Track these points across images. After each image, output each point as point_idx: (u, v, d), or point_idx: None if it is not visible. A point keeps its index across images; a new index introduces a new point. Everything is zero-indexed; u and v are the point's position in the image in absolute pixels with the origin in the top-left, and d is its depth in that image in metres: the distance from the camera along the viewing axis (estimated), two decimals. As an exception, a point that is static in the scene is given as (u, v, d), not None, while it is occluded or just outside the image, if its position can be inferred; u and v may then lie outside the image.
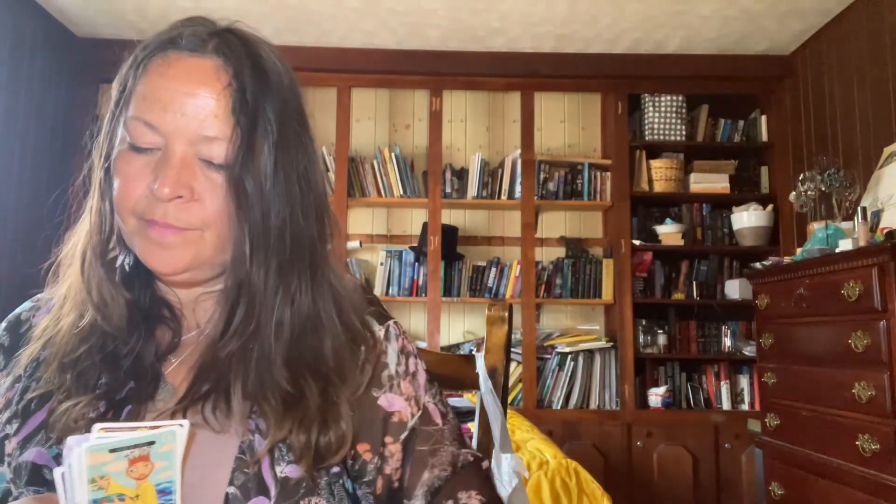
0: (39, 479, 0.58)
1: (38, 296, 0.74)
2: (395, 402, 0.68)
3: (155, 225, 0.60)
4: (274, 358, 0.62)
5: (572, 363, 3.32)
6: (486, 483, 0.69)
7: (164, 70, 0.62)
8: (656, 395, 3.26)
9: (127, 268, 0.67)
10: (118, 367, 0.63)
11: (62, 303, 0.68)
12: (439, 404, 0.72)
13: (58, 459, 0.58)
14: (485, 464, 0.71)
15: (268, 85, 0.63)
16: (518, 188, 3.39)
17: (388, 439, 0.66)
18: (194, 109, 0.60)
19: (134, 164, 0.61)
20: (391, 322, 0.73)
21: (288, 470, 0.59)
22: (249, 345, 0.62)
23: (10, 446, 0.61)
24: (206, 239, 0.62)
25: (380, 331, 0.71)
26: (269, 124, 0.63)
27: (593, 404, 3.31)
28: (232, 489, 0.57)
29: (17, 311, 0.73)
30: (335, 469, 0.63)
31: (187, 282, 0.66)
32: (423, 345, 3.28)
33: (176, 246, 0.61)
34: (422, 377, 0.72)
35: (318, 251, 0.66)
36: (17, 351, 0.68)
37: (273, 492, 0.58)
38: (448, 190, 3.41)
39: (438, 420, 0.70)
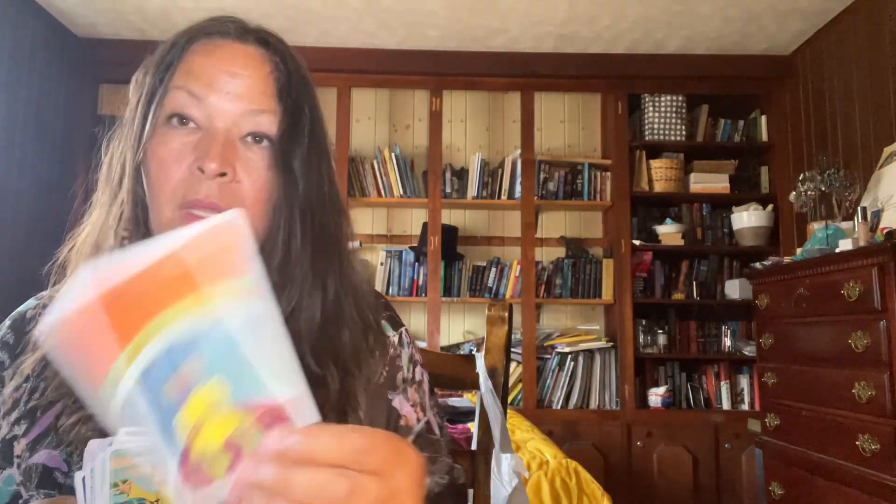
0: (51, 481, 0.57)
1: (43, 293, 0.73)
2: (405, 406, 0.69)
3: (197, 208, 0.59)
4: (303, 344, 0.61)
5: (572, 363, 3.32)
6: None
7: (211, 50, 0.63)
8: (656, 395, 3.26)
9: None
10: None
11: None
12: (437, 416, 0.73)
13: (69, 462, 0.58)
14: (468, 489, 0.75)
15: (306, 82, 0.66)
16: (518, 188, 3.39)
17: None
18: (240, 86, 0.61)
19: (173, 144, 0.61)
20: (403, 329, 0.75)
21: None
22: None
23: (19, 447, 0.60)
24: None
25: (394, 336, 0.72)
26: (306, 114, 0.65)
27: (593, 404, 3.31)
28: None
29: (22, 308, 0.72)
30: None
31: None
32: (423, 345, 3.28)
33: None
34: (426, 387, 0.74)
35: (344, 244, 0.68)
36: (21, 350, 0.67)
37: None
38: (448, 190, 3.41)
39: (437, 431, 0.72)
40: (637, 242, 3.35)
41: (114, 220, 0.64)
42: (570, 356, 3.33)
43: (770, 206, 3.36)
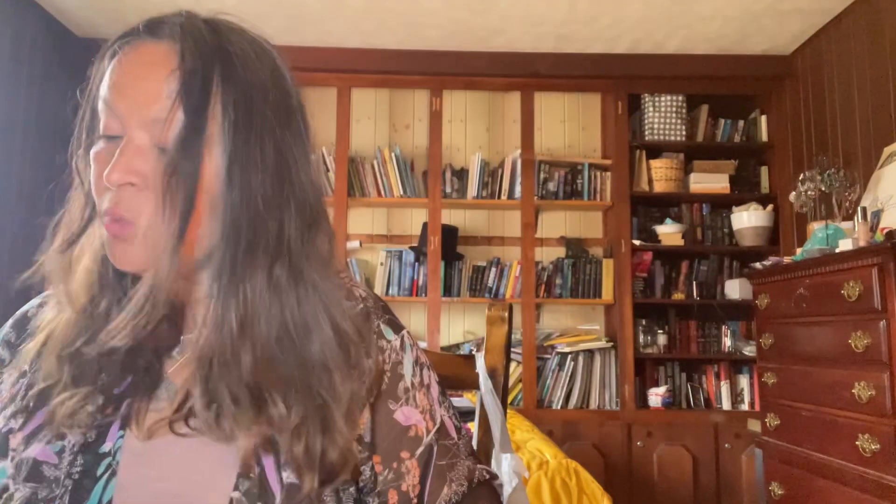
0: (38, 475, 0.57)
1: (46, 293, 0.73)
2: (412, 416, 0.66)
3: (108, 217, 0.59)
4: (244, 366, 0.58)
5: (572, 363, 3.32)
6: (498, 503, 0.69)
7: (124, 56, 0.61)
8: (656, 395, 3.26)
9: None
10: (116, 361, 0.62)
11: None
12: (453, 418, 0.71)
13: (60, 455, 0.58)
14: (497, 482, 0.71)
15: (229, 71, 0.59)
16: (518, 188, 3.39)
17: (404, 454, 0.64)
18: (145, 92, 0.59)
19: (102, 154, 0.61)
20: (405, 332, 0.71)
21: (293, 476, 0.58)
22: (227, 349, 0.59)
23: (14, 441, 0.60)
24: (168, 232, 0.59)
25: (395, 340, 0.69)
26: (225, 110, 0.59)
27: (593, 404, 3.31)
28: (236, 494, 0.56)
29: (25, 307, 0.73)
30: (339, 475, 0.61)
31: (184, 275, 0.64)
32: (423, 345, 3.27)
33: (132, 241, 0.59)
34: (435, 389, 0.71)
35: (296, 250, 0.61)
36: (19, 346, 0.68)
37: (278, 498, 0.57)
38: (448, 190, 3.41)
39: (454, 434, 0.69)
40: (637, 242, 3.35)
41: (80, 217, 0.68)
42: (570, 356, 3.33)
43: (770, 206, 3.36)
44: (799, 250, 2.38)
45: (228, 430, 0.57)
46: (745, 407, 3.29)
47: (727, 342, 3.35)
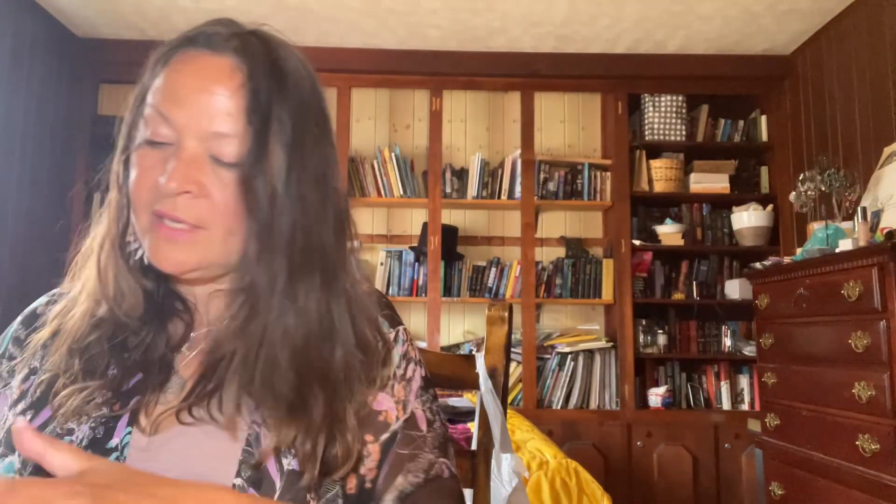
0: (44, 470, 0.58)
1: (55, 290, 0.75)
2: (385, 402, 0.67)
3: (164, 220, 0.61)
4: (280, 364, 0.61)
5: (572, 363, 3.32)
6: (450, 502, 0.67)
7: (182, 66, 0.63)
8: (656, 395, 3.26)
9: (145, 260, 0.66)
10: (127, 358, 0.63)
11: (77, 294, 0.69)
12: (427, 412, 0.70)
13: None
14: (458, 486, 0.69)
15: (285, 88, 0.63)
16: (518, 188, 3.39)
17: (368, 437, 0.65)
18: (207, 106, 0.61)
19: (149, 158, 0.62)
20: (401, 328, 0.73)
21: (294, 463, 0.60)
22: (254, 348, 0.61)
23: None
24: (213, 238, 0.62)
25: (390, 333, 0.72)
26: (283, 126, 0.62)
27: (593, 404, 3.31)
28: (239, 481, 0.58)
29: (34, 305, 0.74)
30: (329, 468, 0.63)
31: (197, 280, 0.67)
32: (423, 345, 3.28)
33: (183, 244, 0.61)
34: (416, 383, 0.71)
35: (334, 257, 0.65)
36: (30, 344, 0.69)
37: (278, 484, 0.59)
38: (448, 190, 3.41)
39: (423, 426, 0.69)
40: (637, 242, 3.35)
41: (112, 219, 0.67)
42: (570, 356, 3.33)
43: (770, 206, 3.36)
44: (799, 250, 2.38)
45: (229, 417, 0.60)
46: (745, 407, 3.29)
47: (727, 342, 3.35)
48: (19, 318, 0.73)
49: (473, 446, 1.00)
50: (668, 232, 3.38)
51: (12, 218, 2.86)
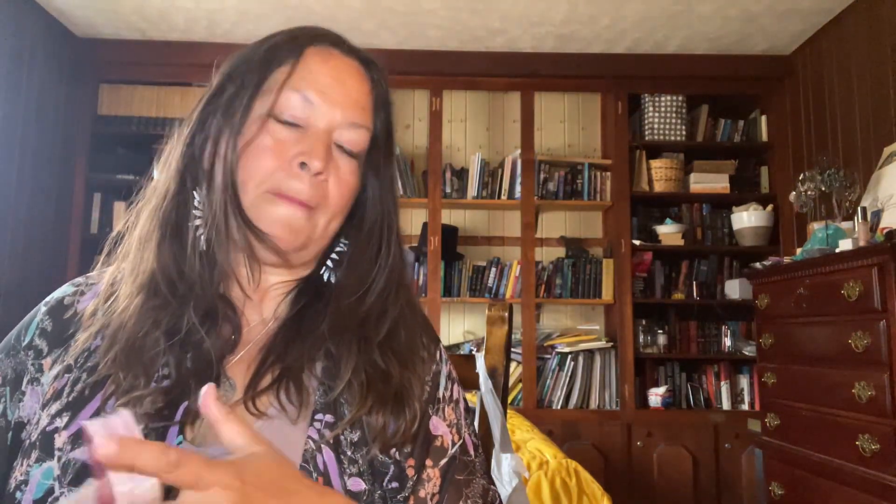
0: (88, 479, 0.55)
1: (78, 280, 0.72)
2: (440, 427, 0.67)
3: (284, 200, 0.63)
4: (373, 342, 0.65)
5: (572, 363, 3.32)
6: None
7: (326, 59, 0.67)
8: (656, 395, 3.26)
9: (207, 249, 0.65)
10: (184, 358, 0.61)
11: (114, 286, 0.65)
12: (473, 436, 0.72)
13: None
14: None
15: (392, 103, 0.72)
16: (518, 188, 3.39)
17: (428, 462, 0.65)
18: (347, 98, 0.66)
19: (277, 135, 0.64)
20: (441, 345, 0.75)
21: (351, 483, 0.59)
22: (318, 340, 0.64)
23: (60, 440, 0.58)
24: (319, 220, 0.65)
25: (435, 352, 0.73)
26: (391, 130, 0.71)
27: (593, 404, 3.31)
28: None
29: (58, 294, 0.70)
30: (394, 484, 0.62)
31: (286, 263, 0.68)
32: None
33: (298, 225, 0.64)
34: (462, 405, 0.72)
35: (404, 256, 0.72)
36: (62, 336, 0.65)
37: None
38: (448, 190, 3.41)
39: (472, 452, 0.70)
40: (637, 242, 3.35)
41: (191, 196, 0.65)
42: (570, 356, 3.33)
43: (770, 206, 3.36)
44: (799, 250, 2.38)
45: (296, 410, 0.60)
46: (745, 407, 3.29)
47: (727, 342, 3.35)
48: (43, 309, 0.69)
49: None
50: (668, 232, 3.38)
51: (12, 218, 2.86)
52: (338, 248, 0.71)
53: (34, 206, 3.01)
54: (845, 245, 2.06)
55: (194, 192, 0.65)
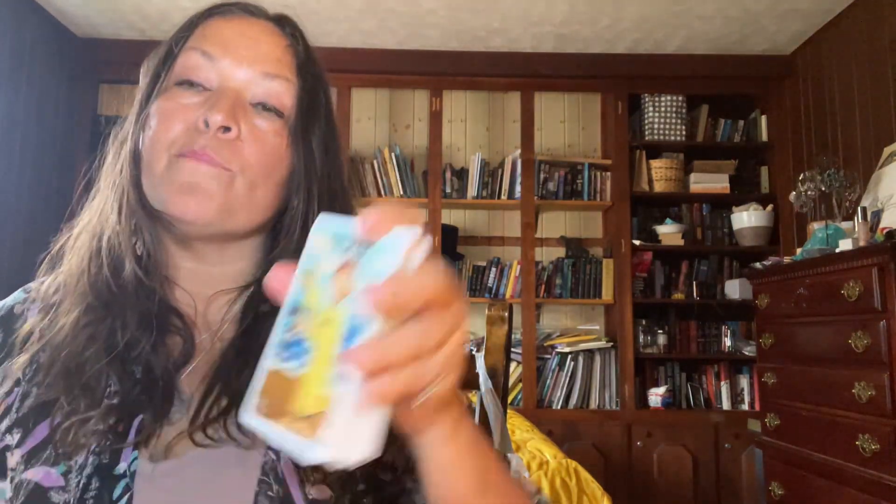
0: (42, 499, 0.52)
1: (30, 285, 0.67)
2: None
3: (189, 158, 0.56)
4: None
5: (572, 363, 3.32)
6: None
7: (229, 20, 0.61)
8: (656, 395, 3.26)
9: (144, 256, 0.60)
10: (129, 374, 0.56)
11: (58, 295, 0.61)
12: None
13: (67, 477, 0.53)
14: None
15: (321, 66, 0.65)
16: (518, 188, 3.39)
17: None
18: (256, 52, 0.60)
19: (180, 99, 0.58)
20: None
21: (314, 492, 0.54)
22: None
23: (13, 459, 0.55)
24: (237, 184, 0.58)
25: None
26: (322, 97, 0.63)
27: (593, 404, 3.31)
28: None
29: (9, 302, 0.65)
30: (360, 487, 0.57)
31: (212, 236, 0.61)
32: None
33: (207, 186, 0.56)
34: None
35: None
36: (10, 349, 0.61)
37: None
38: (448, 190, 3.41)
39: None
40: (637, 242, 3.35)
41: (114, 202, 0.61)
42: (570, 356, 3.32)
43: (770, 206, 3.36)
44: (799, 250, 2.38)
45: (249, 439, 0.54)
46: (745, 407, 3.29)
47: (727, 342, 3.35)
48: None
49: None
50: (668, 232, 3.38)
51: (12, 218, 2.86)
52: None
53: (34, 206, 3.01)
54: (845, 245, 2.06)
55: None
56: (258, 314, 0.59)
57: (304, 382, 0.37)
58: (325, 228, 0.39)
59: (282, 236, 0.62)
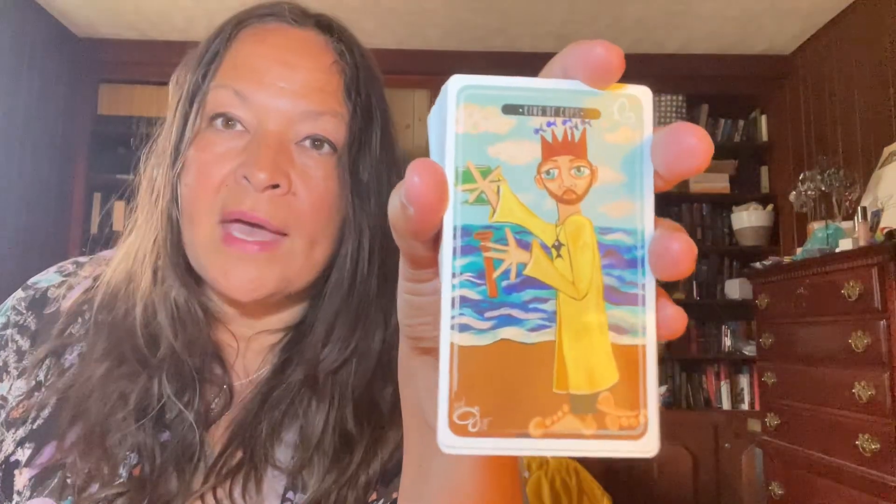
0: None
1: (67, 267, 0.59)
2: None
3: (233, 230, 0.49)
4: (347, 402, 0.50)
5: (572, 363, 3.31)
6: None
7: (262, 38, 0.52)
8: (656, 395, 3.26)
9: (176, 306, 0.52)
10: (157, 440, 0.49)
11: (94, 315, 0.54)
12: None
13: None
14: None
15: (375, 76, 0.56)
16: (518, 188, 3.39)
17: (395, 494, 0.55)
18: (296, 81, 0.50)
19: (215, 147, 0.50)
20: None
21: None
22: (294, 405, 0.51)
23: (20, 481, 0.49)
24: (296, 249, 0.50)
25: None
26: (377, 116, 0.55)
27: (593, 404, 3.30)
28: None
29: (42, 283, 0.58)
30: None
31: (263, 310, 0.54)
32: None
33: (262, 260, 0.49)
34: None
35: (371, 286, 0.55)
36: (41, 338, 0.55)
37: None
38: (448, 190, 3.41)
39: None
40: (637, 242, 3.34)
41: (148, 244, 0.54)
42: (570, 356, 3.32)
43: (770, 206, 3.36)
44: (799, 250, 2.38)
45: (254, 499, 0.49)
46: (745, 407, 3.29)
47: (727, 342, 3.35)
48: (24, 303, 0.56)
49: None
50: (668, 232, 3.38)
51: (12, 217, 2.86)
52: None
53: (34, 206, 3.01)
54: (845, 245, 2.06)
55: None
56: (284, 361, 0.53)
57: (550, 352, 0.23)
58: (482, 95, 0.23)
59: (332, 275, 0.54)
